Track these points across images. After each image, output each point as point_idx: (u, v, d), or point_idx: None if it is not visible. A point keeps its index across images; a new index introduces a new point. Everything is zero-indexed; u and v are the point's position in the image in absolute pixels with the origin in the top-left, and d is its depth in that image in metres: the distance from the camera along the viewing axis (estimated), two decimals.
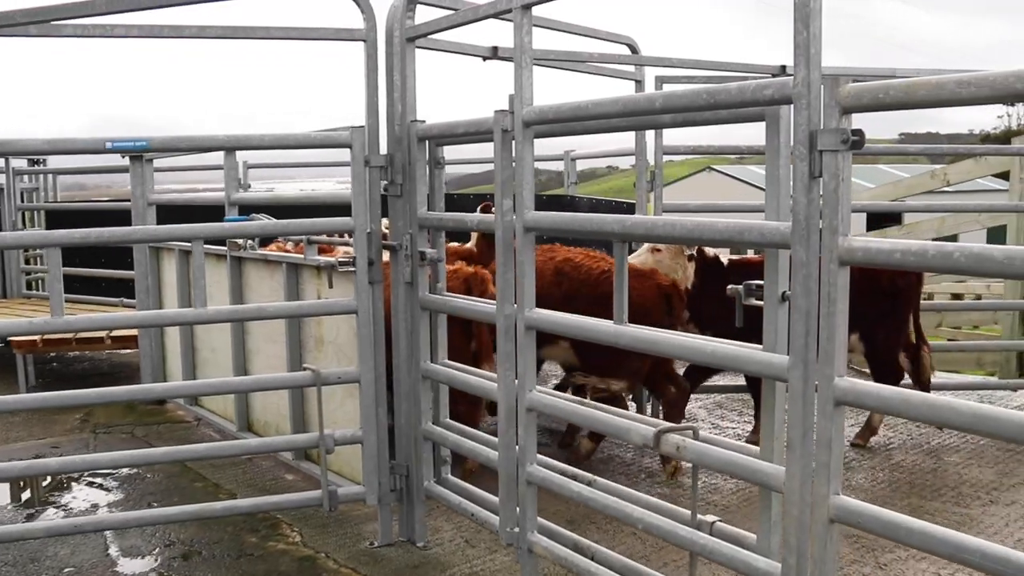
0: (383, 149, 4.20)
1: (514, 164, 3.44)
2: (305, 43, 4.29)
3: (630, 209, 7.81)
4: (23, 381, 7.14)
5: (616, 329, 3.12)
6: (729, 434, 6.11)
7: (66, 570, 4.13)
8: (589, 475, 3.45)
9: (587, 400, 3.95)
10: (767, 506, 2.75)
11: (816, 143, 2.31)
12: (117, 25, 3.84)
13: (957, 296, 9.34)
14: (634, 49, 5.79)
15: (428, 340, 4.16)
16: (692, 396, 5.84)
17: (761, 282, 2.68)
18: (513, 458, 3.57)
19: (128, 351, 8.09)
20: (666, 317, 5.09)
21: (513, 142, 3.43)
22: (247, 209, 4.45)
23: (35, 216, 9.93)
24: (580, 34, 5.24)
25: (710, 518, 2.97)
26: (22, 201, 9.29)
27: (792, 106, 2.39)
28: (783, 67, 5.33)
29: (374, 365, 4.20)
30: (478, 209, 6.09)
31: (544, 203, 9.05)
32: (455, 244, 6.10)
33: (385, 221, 4.30)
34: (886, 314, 5.56)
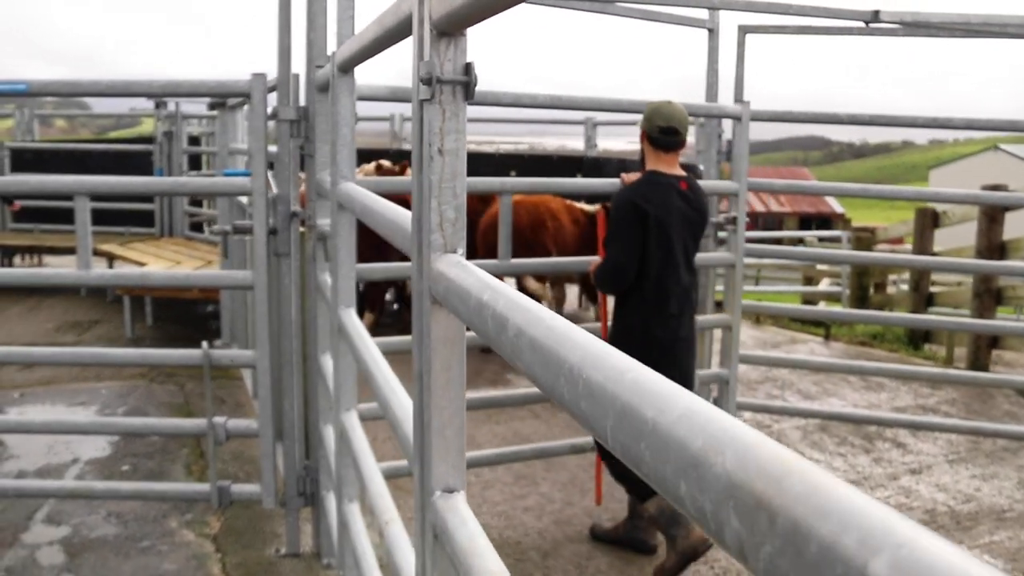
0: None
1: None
2: None
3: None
4: (128, 322, 7.37)
5: None
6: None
7: None
8: None
9: None
10: None
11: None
12: None
13: None
14: None
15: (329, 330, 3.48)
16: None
17: None
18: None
19: None
20: None
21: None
22: None
23: (210, 160, 10.29)
24: None
25: None
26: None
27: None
28: (875, 12, 3.89)
29: (277, 350, 3.61)
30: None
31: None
32: None
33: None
34: None
